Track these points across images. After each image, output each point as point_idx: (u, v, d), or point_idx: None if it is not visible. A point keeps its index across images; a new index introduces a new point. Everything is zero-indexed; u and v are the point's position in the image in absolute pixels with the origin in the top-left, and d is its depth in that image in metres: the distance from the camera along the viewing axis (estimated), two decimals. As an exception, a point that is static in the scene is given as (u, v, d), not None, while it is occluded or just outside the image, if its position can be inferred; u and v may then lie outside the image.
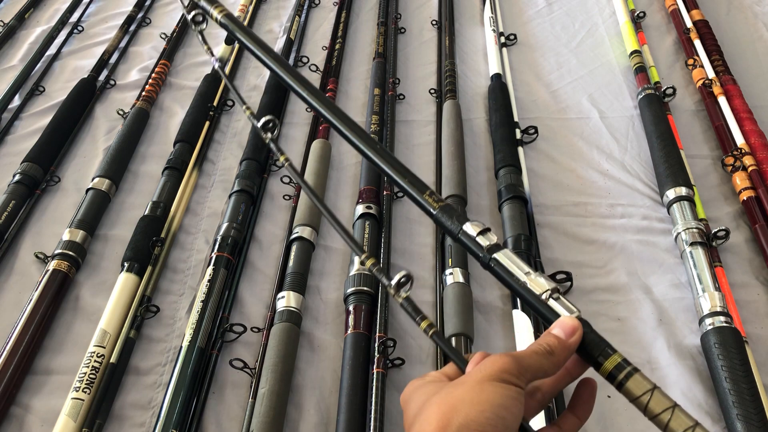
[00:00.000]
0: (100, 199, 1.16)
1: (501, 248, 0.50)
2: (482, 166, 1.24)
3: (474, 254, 0.51)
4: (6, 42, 1.64)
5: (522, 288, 0.48)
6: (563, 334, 0.44)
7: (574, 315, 0.45)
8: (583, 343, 0.45)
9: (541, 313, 0.47)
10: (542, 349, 0.43)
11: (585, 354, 0.45)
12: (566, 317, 0.45)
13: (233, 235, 1.08)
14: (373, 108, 1.34)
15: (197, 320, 0.94)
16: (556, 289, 0.47)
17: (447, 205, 0.54)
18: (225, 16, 0.70)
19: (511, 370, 0.41)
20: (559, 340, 0.44)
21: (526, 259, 1.00)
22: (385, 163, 0.58)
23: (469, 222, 0.52)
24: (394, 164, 0.57)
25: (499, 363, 0.42)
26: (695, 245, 1.01)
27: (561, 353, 0.44)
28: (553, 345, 0.44)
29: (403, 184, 0.56)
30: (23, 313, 0.96)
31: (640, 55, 1.42)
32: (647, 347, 0.93)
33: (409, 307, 0.50)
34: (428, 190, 0.55)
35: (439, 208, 0.54)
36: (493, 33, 1.54)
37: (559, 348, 0.44)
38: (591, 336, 0.45)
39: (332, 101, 0.68)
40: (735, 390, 0.81)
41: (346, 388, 0.85)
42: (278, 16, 1.73)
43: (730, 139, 1.21)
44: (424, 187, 0.55)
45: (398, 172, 0.57)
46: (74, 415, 0.84)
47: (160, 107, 1.43)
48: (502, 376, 0.41)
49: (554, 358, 0.43)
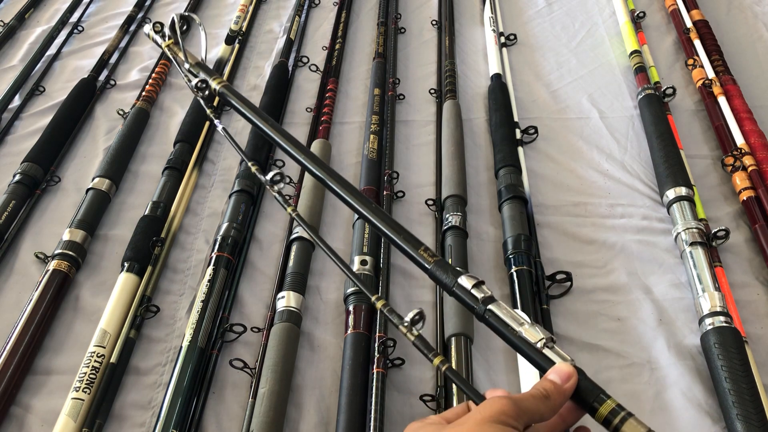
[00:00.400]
0: (100, 199, 1.16)
1: (495, 300, 0.52)
2: (482, 166, 1.24)
3: (469, 306, 0.53)
4: (6, 42, 1.65)
5: (517, 338, 0.50)
6: (559, 379, 0.46)
7: (569, 362, 0.48)
8: (578, 390, 0.47)
9: (537, 362, 0.49)
10: (539, 393, 0.45)
11: (580, 400, 0.47)
12: (562, 363, 0.47)
13: (233, 235, 1.08)
14: (373, 108, 1.34)
15: (197, 320, 0.94)
16: (550, 338, 0.49)
17: (441, 259, 0.57)
18: (223, 86, 0.78)
19: (510, 412, 0.43)
20: (555, 385, 0.46)
21: (526, 259, 1.00)
22: (380, 221, 0.61)
23: (463, 275, 0.54)
24: (389, 222, 0.60)
25: (498, 405, 0.43)
26: (695, 245, 1.01)
27: (557, 398, 0.46)
28: (550, 390, 0.46)
29: (398, 240, 0.59)
30: (23, 313, 0.96)
31: (640, 55, 1.42)
32: (647, 347, 0.93)
33: (422, 345, 0.51)
34: (422, 246, 0.58)
35: (434, 263, 0.56)
36: (493, 33, 1.54)
37: (555, 393, 0.46)
38: (585, 383, 0.47)
39: (326, 163, 0.73)
40: (735, 390, 0.81)
41: (346, 388, 0.85)
42: (278, 16, 1.73)
43: (730, 139, 1.21)
44: (419, 243, 0.58)
45: (393, 230, 0.60)
46: (74, 415, 0.84)
47: (160, 107, 1.43)
48: (501, 418, 0.43)
49: (550, 402, 0.45)
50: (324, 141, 1.27)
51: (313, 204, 1.12)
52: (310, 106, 1.40)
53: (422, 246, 0.58)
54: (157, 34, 0.86)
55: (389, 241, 0.60)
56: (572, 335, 0.95)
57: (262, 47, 1.62)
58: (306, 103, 1.43)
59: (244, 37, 1.61)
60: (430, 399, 0.85)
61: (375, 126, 1.29)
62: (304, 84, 1.49)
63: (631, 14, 1.55)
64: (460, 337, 0.90)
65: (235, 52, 1.55)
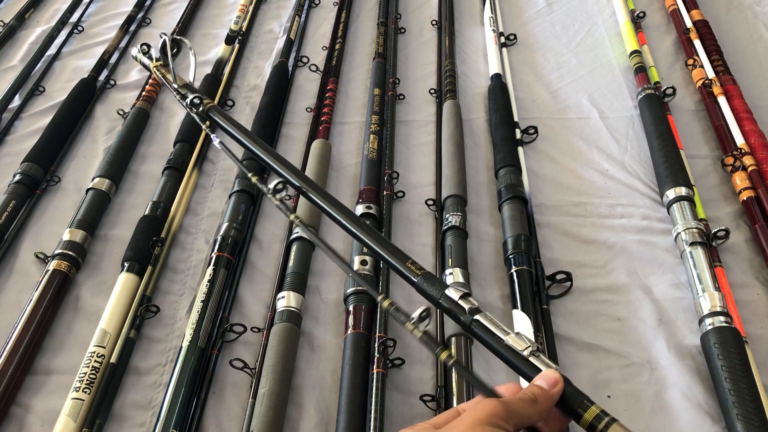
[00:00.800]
0: (100, 199, 1.16)
1: (481, 311, 0.54)
2: (482, 166, 1.24)
3: (455, 317, 0.55)
4: (6, 42, 1.64)
5: (503, 346, 0.51)
6: (546, 384, 0.48)
7: (554, 369, 0.49)
8: (564, 397, 0.48)
9: (523, 371, 0.51)
10: (527, 397, 0.47)
11: (565, 406, 0.48)
12: (548, 370, 0.49)
13: (233, 235, 1.08)
14: (373, 108, 1.34)
15: (197, 320, 0.94)
16: (537, 347, 0.51)
17: (427, 272, 0.58)
18: (211, 107, 0.84)
19: (500, 414, 0.45)
20: (542, 390, 0.48)
21: (526, 259, 1.00)
22: (367, 236, 0.62)
23: (450, 287, 0.56)
24: (376, 237, 0.63)
25: (489, 407, 0.45)
26: (695, 245, 1.01)
27: (544, 402, 0.47)
28: (537, 394, 0.47)
29: (385, 255, 0.60)
30: (23, 313, 0.96)
31: (640, 55, 1.42)
32: (647, 347, 0.93)
33: (429, 340, 0.53)
34: (409, 259, 0.59)
35: (421, 275, 0.58)
36: (493, 33, 1.54)
37: (543, 397, 0.47)
38: (570, 389, 0.49)
39: (313, 181, 0.75)
40: (735, 390, 0.81)
41: (346, 388, 0.85)
42: (278, 16, 1.73)
43: (730, 139, 1.21)
44: (405, 257, 0.60)
45: (380, 244, 0.62)
46: (74, 415, 0.84)
47: (161, 107, 1.43)
48: (492, 420, 0.44)
49: (538, 406, 0.47)
50: (324, 141, 1.27)
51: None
52: (310, 106, 1.40)
53: (409, 259, 0.60)
54: (144, 55, 0.89)
55: (377, 257, 0.61)
56: (572, 335, 0.95)
57: (262, 47, 1.62)
58: (306, 103, 1.43)
59: (244, 37, 1.61)
60: (430, 399, 0.85)
61: (375, 126, 1.29)
62: (304, 84, 1.49)
63: (631, 14, 1.55)
64: (461, 337, 0.90)
65: (235, 52, 1.55)
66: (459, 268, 0.99)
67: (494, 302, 1.00)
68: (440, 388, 0.87)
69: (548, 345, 0.91)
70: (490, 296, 1.01)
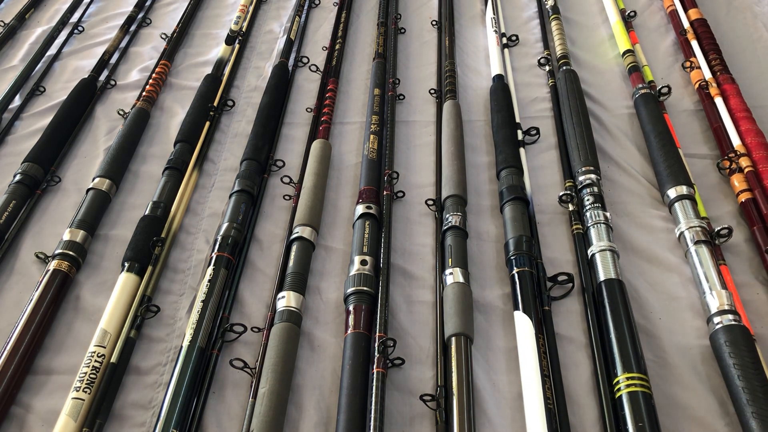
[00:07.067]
0: (100, 199, 1.16)
1: None
2: (483, 167, 1.24)
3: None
4: (6, 42, 1.65)
5: None
6: None
7: None
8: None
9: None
10: None
11: None
12: None
13: (233, 235, 1.08)
14: (373, 108, 1.34)
15: (197, 320, 0.94)
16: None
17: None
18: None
19: None
20: None
21: (527, 260, 1.00)
22: None
23: None
24: None
25: None
26: (699, 243, 1.00)
27: None
28: None
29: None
30: (24, 313, 0.96)
31: (632, 55, 1.42)
32: (652, 346, 0.93)
33: None
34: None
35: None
36: (495, 34, 1.54)
37: None
38: None
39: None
40: (748, 388, 0.80)
41: (346, 387, 0.85)
42: (278, 17, 1.73)
43: (728, 140, 1.20)
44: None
45: None
46: (74, 415, 0.84)
47: (161, 107, 1.44)
48: None
49: None
50: (324, 141, 1.27)
51: (313, 204, 1.12)
52: (310, 106, 1.40)
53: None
54: None
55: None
56: (573, 336, 0.95)
57: (263, 47, 1.62)
58: (306, 103, 1.43)
59: (244, 37, 1.61)
60: (430, 399, 0.85)
61: (375, 126, 1.29)
62: (304, 84, 1.49)
63: (621, 14, 1.55)
64: (460, 337, 0.90)
65: (236, 52, 1.55)
66: (459, 267, 0.99)
67: (494, 302, 1.00)
68: (440, 388, 0.87)
69: (549, 346, 0.91)
70: (490, 296, 1.01)
